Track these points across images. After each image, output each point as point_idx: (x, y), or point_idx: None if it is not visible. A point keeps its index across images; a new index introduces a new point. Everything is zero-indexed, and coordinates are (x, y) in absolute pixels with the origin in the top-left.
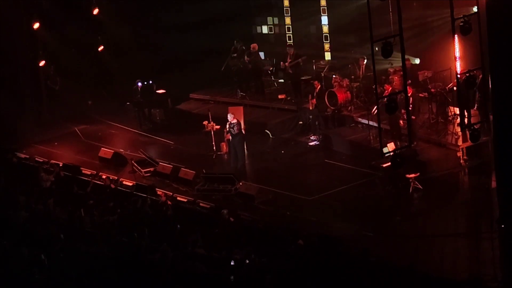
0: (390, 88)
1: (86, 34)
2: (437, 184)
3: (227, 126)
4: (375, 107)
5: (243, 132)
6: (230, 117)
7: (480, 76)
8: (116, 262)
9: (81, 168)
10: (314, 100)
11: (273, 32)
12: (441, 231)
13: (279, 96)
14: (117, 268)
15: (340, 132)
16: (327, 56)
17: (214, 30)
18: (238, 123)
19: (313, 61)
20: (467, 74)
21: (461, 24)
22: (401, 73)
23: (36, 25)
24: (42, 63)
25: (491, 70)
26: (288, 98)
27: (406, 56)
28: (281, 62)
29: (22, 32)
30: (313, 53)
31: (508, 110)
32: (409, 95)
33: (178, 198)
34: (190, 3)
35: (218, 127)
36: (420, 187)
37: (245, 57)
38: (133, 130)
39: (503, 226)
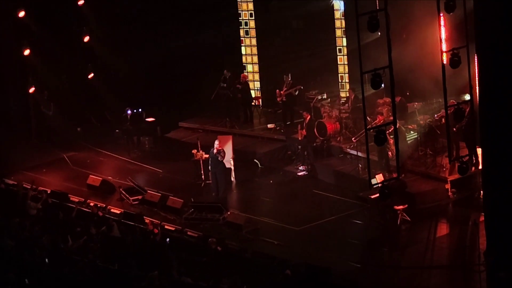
0: (383, 119)
1: (77, 61)
2: (425, 216)
3: (214, 151)
4: (358, 135)
5: (232, 162)
6: (217, 144)
7: (469, 109)
8: None
9: (69, 195)
10: (304, 130)
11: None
12: (428, 262)
13: (268, 126)
14: None
15: (329, 163)
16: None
17: (205, 58)
18: (224, 151)
19: (301, 87)
20: (456, 107)
21: (451, 56)
22: (390, 104)
23: (27, 52)
24: (32, 89)
25: (480, 102)
26: (277, 128)
27: None
28: (277, 90)
29: (12, 58)
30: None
31: (496, 143)
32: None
33: (166, 227)
34: (180, 31)
35: (207, 156)
36: (408, 219)
37: (237, 85)
38: (121, 157)
39: (491, 258)
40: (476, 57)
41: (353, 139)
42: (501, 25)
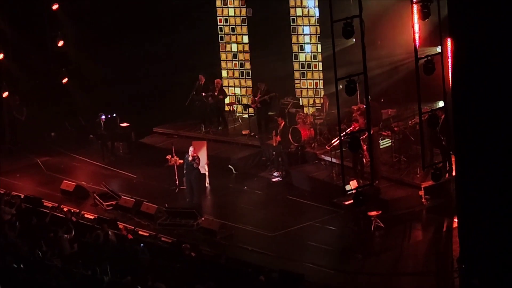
0: (358, 126)
1: (51, 65)
2: (398, 222)
3: (189, 158)
4: (332, 142)
5: (206, 167)
6: (191, 150)
7: (443, 115)
8: None
9: (43, 200)
10: (278, 137)
11: (237, 68)
12: (402, 269)
13: (243, 132)
14: None
15: (303, 169)
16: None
17: (179, 63)
18: (199, 158)
19: (275, 94)
20: (430, 113)
21: (425, 63)
22: (364, 111)
23: (0, 56)
24: (5, 94)
25: (453, 109)
26: (252, 134)
27: None
28: (251, 97)
29: None
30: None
31: (470, 150)
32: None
33: (140, 232)
34: (155, 35)
35: (181, 161)
36: (382, 225)
37: (215, 92)
38: (95, 163)
39: (463, 265)
40: (450, 64)
41: (327, 146)
42: (475, 32)
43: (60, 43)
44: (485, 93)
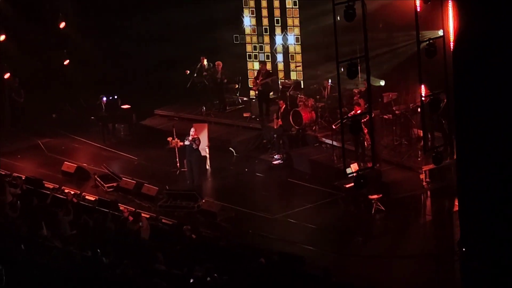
0: (360, 109)
1: (52, 47)
2: (399, 205)
3: (189, 139)
4: (337, 123)
5: (207, 149)
6: (192, 131)
7: (445, 99)
8: (76, 277)
9: (44, 182)
10: (280, 119)
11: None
12: (402, 252)
13: (244, 114)
14: (77, 283)
15: (304, 152)
16: (293, 75)
17: (180, 42)
18: (199, 139)
19: (278, 79)
20: (432, 97)
21: (427, 47)
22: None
23: (2, 37)
24: (6, 75)
25: (455, 93)
26: (253, 116)
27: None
28: (253, 79)
29: None
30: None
31: (471, 133)
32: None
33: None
34: (157, 16)
35: (182, 143)
36: (383, 208)
37: (216, 75)
38: (96, 144)
39: (464, 248)
40: (452, 46)
41: (333, 125)
42: (479, 15)
43: (62, 25)
44: (487, 76)
